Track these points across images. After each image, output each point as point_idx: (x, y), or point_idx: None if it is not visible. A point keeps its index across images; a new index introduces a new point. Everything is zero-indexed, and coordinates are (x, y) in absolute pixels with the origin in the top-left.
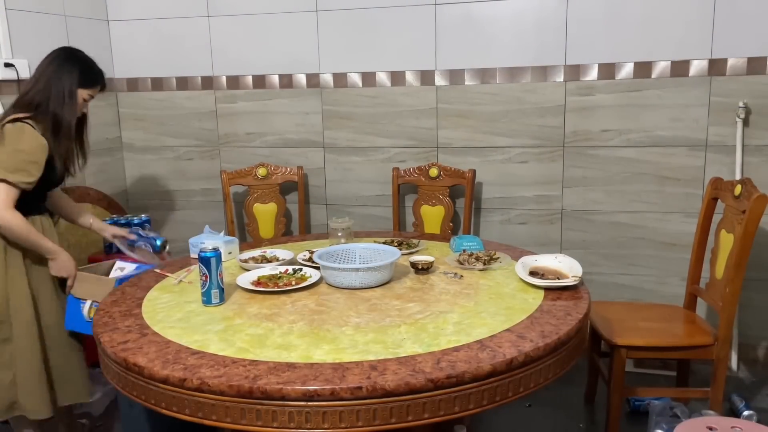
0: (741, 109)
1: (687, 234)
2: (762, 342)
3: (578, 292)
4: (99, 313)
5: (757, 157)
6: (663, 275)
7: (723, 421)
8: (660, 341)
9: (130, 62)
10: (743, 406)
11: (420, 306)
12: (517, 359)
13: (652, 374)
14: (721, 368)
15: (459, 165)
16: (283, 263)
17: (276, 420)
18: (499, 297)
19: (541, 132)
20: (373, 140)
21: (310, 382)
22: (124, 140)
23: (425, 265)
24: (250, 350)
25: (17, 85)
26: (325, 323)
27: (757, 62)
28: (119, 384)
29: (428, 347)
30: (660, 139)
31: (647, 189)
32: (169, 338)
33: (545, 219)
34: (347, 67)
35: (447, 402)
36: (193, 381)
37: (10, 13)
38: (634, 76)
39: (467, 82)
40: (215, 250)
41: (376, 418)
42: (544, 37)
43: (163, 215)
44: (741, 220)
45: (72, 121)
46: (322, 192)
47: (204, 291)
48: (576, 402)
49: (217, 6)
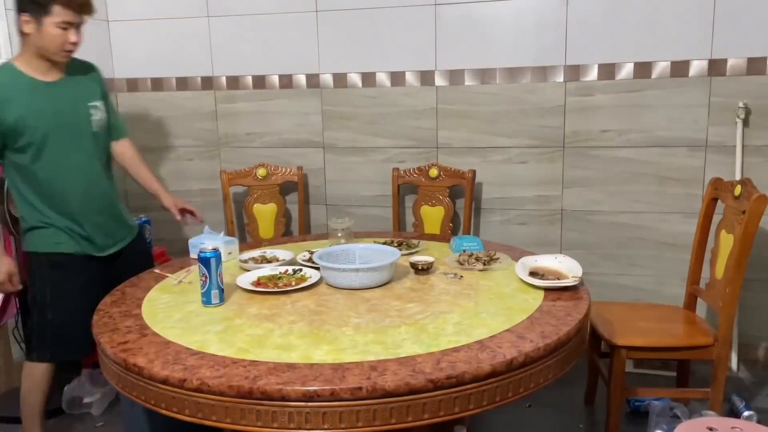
0: (741, 110)
1: (687, 234)
2: (762, 342)
3: (578, 293)
4: (99, 313)
5: (757, 158)
6: (663, 275)
7: (723, 422)
8: (660, 341)
9: (130, 62)
10: (743, 407)
11: (420, 306)
12: (517, 360)
13: (652, 374)
14: (721, 368)
15: (459, 165)
16: (283, 263)
17: (276, 420)
18: (499, 297)
19: (541, 132)
20: (373, 140)
21: (310, 382)
22: None
23: (425, 266)
24: (250, 351)
25: None
26: (325, 324)
27: (757, 62)
28: (119, 384)
29: (428, 348)
30: (660, 139)
31: (647, 189)
32: (169, 339)
33: (545, 219)
34: (347, 67)
35: (447, 402)
36: (193, 381)
37: (10, 13)
38: (634, 77)
39: (467, 82)
40: (215, 251)
41: (376, 418)
42: (544, 37)
43: (163, 215)
44: (741, 220)
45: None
46: (322, 192)
47: (204, 291)
48: (576, 402)
49: (217, 6)
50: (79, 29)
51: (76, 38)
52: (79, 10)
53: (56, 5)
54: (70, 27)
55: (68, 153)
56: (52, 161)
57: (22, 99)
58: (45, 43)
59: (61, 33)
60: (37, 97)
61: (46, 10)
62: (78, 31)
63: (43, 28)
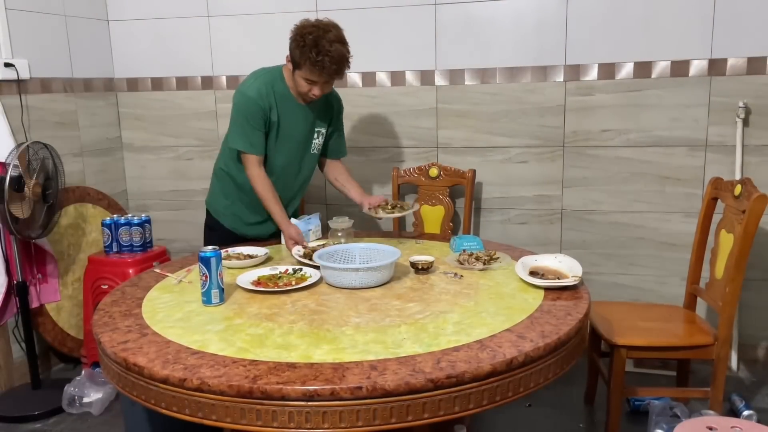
0: (741, 109)
1: (687, 234)
2: (762, 342)
3: (578, 292)
4: (99, 313)
5: (757, 157)
6: (663, 275)
7: (723, 421)
8: (660, 341)
9: (130, 62)
10: (743, 406)
11: (420, 306)
12: (517, 359)
13: (652, 374)
14: (721, 368)
15: (459, 165)
16: (257, 260)
17: (276, 420)
18: (499, 297)
19: (541, 132)
20: (373, 140)
21: (310, 382)
22: (124, 140)
23: (425, 265)
24: (250, 350)
25: (17, 85)
26: (325, 323)
27: (757, 62)
28: (119, 384)
29: (428, 347)
30: (660, 139)
31: (647, 189)
32: (169, 338)
33: (545, 219)
34: None
35: (447, 402)
36: (193, 381)
37: (10, 13)
38: (634, 76)
39: (467, 82)
40: (215, 250)
41: (376, 418)
42: (544, 37)
43: (163, 215)
44: (741, 220)
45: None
46: (322, 192)
47: (204, 291)
48: (576, 402)
49: (217, 6)
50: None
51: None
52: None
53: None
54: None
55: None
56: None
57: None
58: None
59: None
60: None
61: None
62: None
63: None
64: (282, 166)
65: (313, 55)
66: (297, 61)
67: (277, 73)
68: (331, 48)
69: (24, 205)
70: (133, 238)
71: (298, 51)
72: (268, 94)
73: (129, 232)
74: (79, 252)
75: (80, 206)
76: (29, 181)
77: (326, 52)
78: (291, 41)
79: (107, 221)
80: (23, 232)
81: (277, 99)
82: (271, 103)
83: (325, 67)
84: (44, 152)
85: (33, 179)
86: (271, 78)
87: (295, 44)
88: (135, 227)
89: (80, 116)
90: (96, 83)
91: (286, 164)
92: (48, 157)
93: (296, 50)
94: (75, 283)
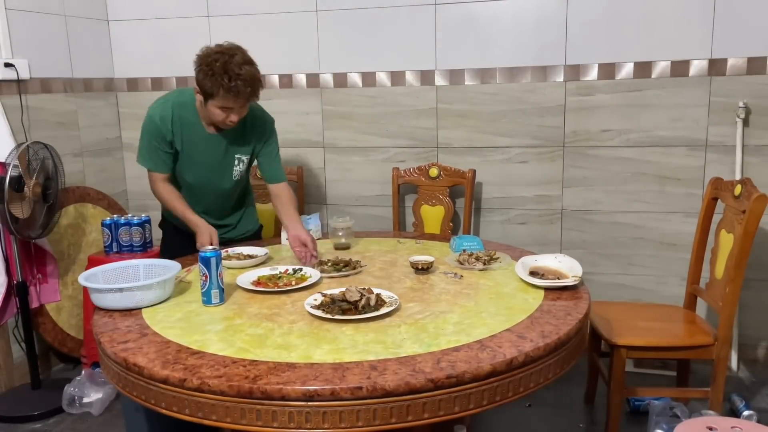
0: (741, 109)
1: (687, 234)
2: (762, 342)
3: (578, 292)
4: (99, 313)
5: (757, 157)
6: (663, 275)
7: (723, 421)
8: (660, 341)
9: (130, 62)
10: (743, 406)
11: (420, 306)
12: (517, 359)
13: (652, 374)
14: (721, 368)
15: (459, 165)
16: (258, 260)
17: (276, 420)
18: (499, 297)
19: (541, 132)
20: (373, 140)
21: (310, 382)
22: (124, 140)
23: (425, 265)
24: (250, 350)
25: (17, 85)
26: (325, 323)
27: (757, 62)
28: (119, 384)
29: (428, 347)
30: (660, 139)
31: (647, 189)
32: (169, 338)
33: (545, 219)
34: (347, 67)
35: (447, 402)
36: (193, 381)
37: (10, 13)
38: (634, 76)
39: (467, 82)
40: (215, 250)
41: (376, 418)
42: (544, 37)
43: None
44: (741, 220)
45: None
46: (322, 192)
47: (204, 291)
48: (576, 402)
49: (217, 6)
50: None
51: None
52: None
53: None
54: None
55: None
56: None
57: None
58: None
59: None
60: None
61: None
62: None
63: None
64: (193, 185)
65: (226, 81)
66: (209, 92)
67: (189, 99)
68: (241, 71)
69: (24, 205)
70: (133, 238)
71: (209, 81)
72: (173, 121)
73: (129, 232)
74: (79, 252)
75: (80, 206)
76: (29, 181)
77: (237, 76)
78: (197, 72)
79: (107, 221)
80: (23, 232)
81: (183, 126)
82: (174, 130)
83: (240, 91)
84: (44, 152)
85: (33, 179)
86: (181, 103)
87: (203, 74)
88: (135, 227)
89: (80, 116)
90: (96, 83)
91: (197, 184)
92: (48, 157)
93: (206, 80)
94: (75, 283)
